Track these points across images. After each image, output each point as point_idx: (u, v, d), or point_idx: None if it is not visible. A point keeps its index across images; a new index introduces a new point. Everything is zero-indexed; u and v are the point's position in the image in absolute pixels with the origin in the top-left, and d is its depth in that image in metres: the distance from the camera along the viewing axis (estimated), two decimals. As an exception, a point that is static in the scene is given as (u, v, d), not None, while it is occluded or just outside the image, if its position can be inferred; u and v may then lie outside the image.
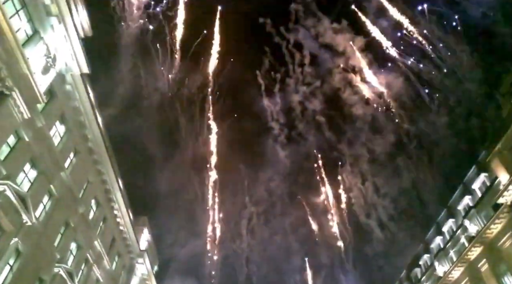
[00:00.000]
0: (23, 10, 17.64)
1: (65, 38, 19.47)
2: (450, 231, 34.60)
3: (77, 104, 22.25)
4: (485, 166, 28.66)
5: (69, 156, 22.54)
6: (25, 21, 17.79)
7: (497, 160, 26.18)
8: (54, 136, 20.92)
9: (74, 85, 21.67)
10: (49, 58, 19.06)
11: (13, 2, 16.99)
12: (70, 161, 22.64)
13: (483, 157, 28.89)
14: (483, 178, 29.66)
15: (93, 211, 26.02)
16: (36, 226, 18.60)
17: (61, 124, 21.71)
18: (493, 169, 27.15)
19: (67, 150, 22.06)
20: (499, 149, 25.87)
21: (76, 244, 23.61)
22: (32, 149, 18.56)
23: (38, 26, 18.46)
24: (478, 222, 29.18)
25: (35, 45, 18.12)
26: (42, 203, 19.99)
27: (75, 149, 23.09)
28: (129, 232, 31.40)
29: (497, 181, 26.92)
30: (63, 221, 21.87)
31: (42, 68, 18.66)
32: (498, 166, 26.32)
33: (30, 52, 17.57)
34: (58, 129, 21.44)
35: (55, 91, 20.57)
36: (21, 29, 17.50)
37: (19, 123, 17.29)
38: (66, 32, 19.43)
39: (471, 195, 31.36)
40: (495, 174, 27.19)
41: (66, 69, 20.83)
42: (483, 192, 29.42)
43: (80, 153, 23.47)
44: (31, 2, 17.74)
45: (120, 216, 29.57)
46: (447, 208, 35.28)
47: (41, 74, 18.52)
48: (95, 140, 24.39)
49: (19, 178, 18.04)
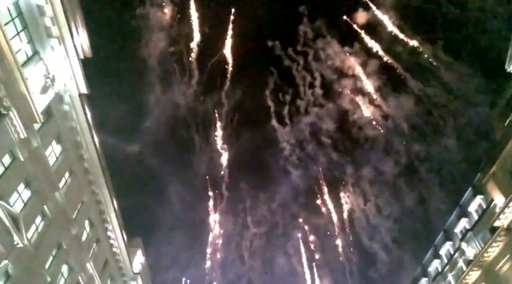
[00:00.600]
0: (24, 31, 17.91)
1: (65, 59, 19.69)
2: (447, 254, 34.30)
3: (74, 124, 22.26)
4: (481, 189, 28.75)
5: (64, 176, 22.36)
6: (26, 42, 18.03)
7: (492, 182, 26.31)
8: (50, 156, 20.81)
9: (72, 105, 21.75)
10: (48, 78, 19.22)
11: (15, 23, 17.26)
12: (65, 181, 22.44)
13: (478, 180, 29.02)
14: (479, 201, 29.69)
15: (86, 232, 25.59)
16: (27, 248, 18.21)
17: (57, 144, 21.64)
18: (489, 192, 27.23)
19: (62, 170, 21.90)
20: (494, 172, 26.04)
21: (67, 266, 23.07)
22: (27, 169, 18.41)
23: (38, 47, 18.70)
24: (476, 245, 29.00)
25: (34, 65, 18.31)
26: (34, 224, 19.64)
27: (71, 169, 22.93)
28: (122, 254, 30.80)
29: (493, 204, 26.96)
30: (56, 243, 21.46)
31: (41, 88, 18.78)
32: (494, 188, 26.42)
33: (29, 72, 17.73)
34: (54, 149, 21.35)
35: (53, 111, 20.61)
36: (21, 49, 17.73)
37: (15, 142, 17.21)
38: (66, 53, 19.66)
39: (467, 218, 31.30)
40: (490, 197, 27.26)
41: (65, 90, 20.97)
42: (480, 214, 29.41)
43: (76, 173, 23.31)
44: (32, 24, 18.03)
45: (113, 237, 29.08)
46: (444, 231, 35.10)
47: (39, 94, 18.63)
48: (91, 160, 24.28)
49: (12, 198, 17.78)
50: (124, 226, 30.58)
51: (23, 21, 17.72)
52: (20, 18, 17.58)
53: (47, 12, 17.99)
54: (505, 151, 25.20)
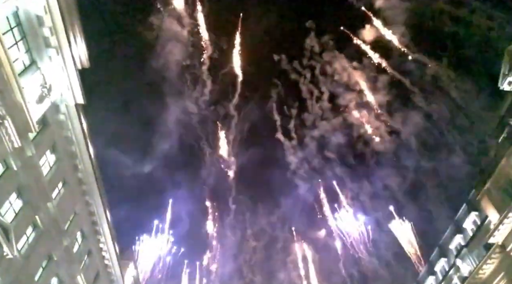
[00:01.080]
0: (23, 41, 17.95)
1: (62, 69, 19.70)
2: (442, 271, 34.10)
3: (69, 134, 22.15)
4: (475, 205, 28.80)
5: (57, 186, 22.13)
6: (24, 52, 18.04)
7: (487, 199, 26.38)
8: (44, 165, 20.63)
9: (68, 115, 21.67)
10: (45, 88, 19.19)
11: (13, 33, 17.31)
12: (58, 191, 22.20)
13: (473, 196, 29.08)
14: (474, 217, 29.70)
15: (78, 243, 25.20)
16: (17, 259, 17.86)
17: (51, 153, 21.48)
18: (483, 208, 27.29)
19: (55, 180, 21.68)
20: (488, 189, 26.15)
21: (58, 279, 22.63)
22: (20, 178, 18.21)
23: (36, 57, 18.71)
24: (471, 262, 28.88)
25: (31, 75, 18.29)
26: (25, 234, 19.35)
27: (64, 179, 22.71)
28: (114, 267, 30.30)
29: (487, 220, 26.98)
30: (46, 254, 21.10)
31: (37, 97, 18.73)
32: (488, 205, 26.48)
33: (26, 82, 17.69)
34: (48, 159, 21.18)
35: (48, 120, 20.53)
36: (19, 59, 17.72)
37: (9, 151, 17.06)
38: (63, 63, 19.67)
39: (462, 234, 31.24)
40: (485, 213, 27.29)
41: (61, 99, 20.91)
42: (474, 231, 29.37)
43: (69, 184, 23.08)
44: (30, 34, 18.08)
45: (106, 249, 28.65)
46: (439, 247, 34.97)
47: (35, 103, 18.56)
48: (85, 170, 24.08)
49: (4, 208, 17.53)
50: (117, 238, 30.16)
51: (21, 31, 17.77)
52: (19, 28, 17.64)
53: (46, 22, 18.06)
54: (499, 168, 25.35)
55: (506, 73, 23.26)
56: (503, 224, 24.49)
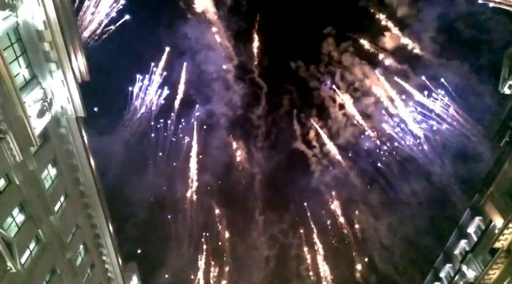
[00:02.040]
0: (23, 56, 18.14)
1: (63, 83, 19.81)
2: (448, 276, 33.75)
3: (70, 147, 22.21)
4: (479, 210, 28.59)
5: (59, 200, 22.15)
6: (24, 67, 18.23)
7: (490, 203, 26.21)
8: (45, 179, 20.69)
9: (68, 128, 21.76)
10: (46, 102, 19.32)
11: (14, 48, 17.50)
12: (60, 204, 22.21)
13: (476, 201, 28.89)
14: (478, 222, 29.46)
15: (81, 256, 25.13)
16: (21, 273, 17.79)
17: (53, 167, 21.54)
18: (487, 213, 27.09)
19: (57, 194, 21.72)
20: (492, 193, 25.99)
21: (61, 292, 22.53)
22: (22, 192, 18.24)
23: (36, 71, 18.88)
24: (476, 267, 28.59)
25: (32, 89, 18.43)
26: (28, 248, 19.33)
27: (66, 193, 22.74)
28: (117, 279, 30.14)
29: (492, 225, 26.77)
30: (49, 268, 21.03)
31: (38, 111, 18.83)
32: (492, 209, 26.30)
33: (27, 96, 17.84)
34: (50, 172, 21.24)
35: (49, 134, 20.61)
36: (20, 74, 17.90)
37: (11, 166, 17.12)
38: (64, 77, 19.79)
39: (467, 239, 30.98)
40: (489, 218, 27.08)
41: (62, 112, 20.98)
42: (479, 236, 29.11)
43: (71, 197, 23.09)
44: (31, 49, 18.27)
45: (108, 262, 28.53)
46: (444, 253, 34.65)
47: (36, 117, 18.66)
48: (87, 183, 24.09)
49: (7, 222, 17.55)
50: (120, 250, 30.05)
51: (22, 46, 17.98)
52: (19, 43, 17.84)
53: (46, 37, 18.24)
54: (502, 172, 25.23)
55: (506, 77, 23.28)
56: (508, 228, 24.29)
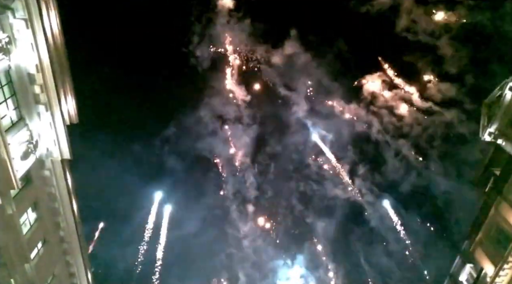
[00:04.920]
0: (12, 98, 18.13)
1: (50, 125, 19.69)
2: (442, 328, 32.46)
3: (53, 190, 21.58)
4: (469, 257, 28.24)
5: (37, 246, 21.08)
6: (12, 108, 18.14)
7: (480, 250, 25.98)
8: (24, 224, 19.81)
9: (52, 171, 21.26)
10: (31, 144, 19.03)
11: (3, 90, 17.53)
12: (37, 251, 21.10)
13: (466, 247, 28.63)
14: (469, 269, 28.95)
15: (55, 309, 23.49)
16: (-13, 328, 16.47)
17: (33, 211, 20.73)
18: (478, 260, 26.75)
19: (35, 240, 20.69)
20: (480, 239, 25.87)
21: None
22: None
23: (24, 113, 18.80)
24: (471, 318, 27.67)
25: (18, 131, 18.22)
26: (-2, 299, 18.06)
27: (44, 238, 21.71)
28: (93, 334, 28.02)
29: (483, 273, 26.32)
30: (20, 322, 19.50)
31: (22, 153, 18.45)
32: (482, 256, 26.02)
33: (12, 138, 17.57)
34: (29, 217, 20.40)
35: (32, 176, 20.07)
36: (7, 115, 17.76)
37: (-12, 210, 16.44)
38: (52, 119, 19.71)
39: (459, 288, 30.26)
40: (480, 265, 26.69)
41: (47, 155, 20.63)
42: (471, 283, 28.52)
43: (49, 243, 22.02)
44: (21, 91, 18.32)
45: (85, 315, 26.68)
46: (437, 303, 33.60)
47: (20, 159, 18.27)
48: (68, 228, 23.13)
49: (-22, 271, 16.51)
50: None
51: (12, 88, 18.03)
52: (10, 85, 17.91)
53: (37, 80, 18.40)
54: (489, 218, 25.32)
55: (485, 124, 24.12)
56: (499, 276, 23.91)
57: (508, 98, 22.74)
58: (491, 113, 23.65)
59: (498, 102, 23.29)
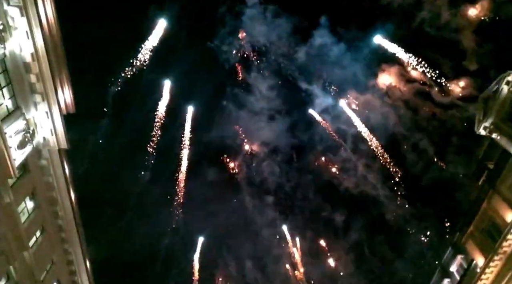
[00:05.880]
0: (8, 87, 18.01)
1: (47, 114, 19.63)
2: (432, 317, 33.20)
3: (50, 179, 21.67)
4: (461, 248, 28.74)
5: (35, 234, 21.28)
6: (8, 98, 18.05)
7: (471, 242, 26.47)
8: (22, 212, 19.95)
9: (50, 160, 21.32)
10: (28, 133, 18.99)
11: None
12: (36, 239, 21.31)
13: (458, 239, 29.11)
14: (460, 260, 29.49)
15: (53, 295, 23.87)
16: (-14, 315, 16.78)
17: (30, 200, 20.85)
18: (469, 251, 27.27)
19: (33, 228, 20.87)
20: (472, 231, 26.33)
21: None
22: (-4, 227, 17.51)
23: (20, 102, 18.70)
24: (460, 308, 28.32)
25: (15, 120, 18.15)
26: (-3, 287, 18.36)
27: (43, 227, 21.90)
28: (91, 319, 28.55)
29: (473, 264, 26.86)
30: (19, 308, 19.84)
31: (19, 142, 18.45)
32: (473, 248, 26.53)
33: (9, 127, 17.53)
34: (27, 205, 20.54)
35: (29, 165, 20.11)
36: (3, 104, 17.68)
37: (-14, 199, 16.54)
38: (48, 109, 19.63)
39: (449, 278, 30.85)
40: (471, 257, 27.22)
41: (44, 144, 20.62)
42: (461, 275, 29.05)
43: (48, 231, 22.22)
44: (16, 80, 18.19)
45: (83, 301, 27.13)
46: (428, 292, 34.29)
47: (17, 148, 18.28)
48: (66, 217, 23.33)
49: (-24, 259, 16.71)
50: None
51: (7, 77, 17.89)
52: (5, 74, 17.77)
53: (33, 69, 18.26)
54: (481, 211, 25.71)
55: (481, 119, 24.27)
56: (489, 267, 24.41)
57: (504, 93, 22.86)
58: (487, 107, 23.77)
59: (494, 97, 23.39)
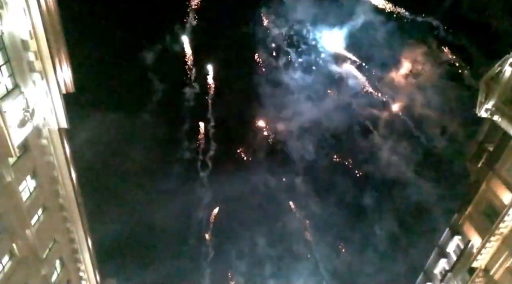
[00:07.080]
0: (6, 65, 17.83)
1: (46, 93, 19.50)
2: (428, 296, 33.94)
3: (51, 159, 21.72)
4: (458, 229, 29.12)
5: (37, 213, 21.51)
6: (6, 76, 17.89)
7: (468, 223, 26.80)
8: (23, 191, 20.10)
9: (50, 140, 21.32)
10: (27, 112, 18.92)
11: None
12: (38, 218, 21.56)
13: (455, 220, 29.47)
14: (457, 241, 29.94)
15: (56, 272, 24.29)
16: (-9, 290, 17.11)
17: (32, 179, 20.97)
18: (466, 232, 27.63)
19: (35, 207, 21.08)
20: (470, 213, 26.60)
21: (33, 310, 21.64)
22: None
23: (19, 81, 18.55)
24: (456, 287, 28.92)
25: (14, 99, 18.05)
26: (1, 263, 18.61)
27: (44, 206, 22.11)
28: (93, 296, 29.16)
29: (470, 244, 27.26)
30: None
31: (19, 121, 18.42)
32: (470, 229, 26.88)
33: (8, 106, 17.44)
34: (29, 184, 20.66)
35: (30, 144, 20.13)
36: (1, 83, 17.55)
37: (-13, 177, 16.62)
38: (48, 88, 19.49)
39: (446, 258, 31.39)
40: (467, 237, 27.60)
41: (44, 124, 20.59)
42: (458, 255, 29.56)
43: (49, 210, 22.45)
44: (15, 58, 17.98)
45: (86, 278, 27.63)
46: (424, 272, 34.93)
47: (17, 127, 18.25)
48: (67, 196, 23.50)
49: (-20, 236, 16.92)
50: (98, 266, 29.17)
51: (5, 55, 17.69)
52: (3, 51, 17.56)
53: (31, 47, 18.00)
54: (479, 193, 25.89)
55: (482, 101, 24.12)
56: (485, 248, 24.77)
57: (507, 74, 22.62)
58: (489, 89, 23.59)
59: (497, 79, 23.17)
